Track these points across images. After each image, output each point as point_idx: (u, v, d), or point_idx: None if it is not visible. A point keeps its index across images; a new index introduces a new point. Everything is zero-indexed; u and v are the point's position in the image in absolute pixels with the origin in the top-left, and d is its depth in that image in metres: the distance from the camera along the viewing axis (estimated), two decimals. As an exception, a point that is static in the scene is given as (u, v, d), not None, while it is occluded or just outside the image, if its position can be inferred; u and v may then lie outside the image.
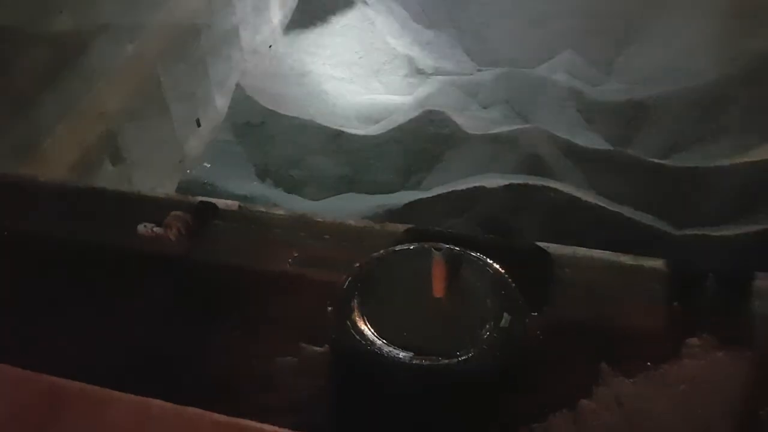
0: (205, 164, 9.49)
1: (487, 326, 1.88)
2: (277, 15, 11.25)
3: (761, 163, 8.20)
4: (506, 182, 8.16)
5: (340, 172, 9.32)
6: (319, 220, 2.56)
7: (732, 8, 10.90)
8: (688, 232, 7.08)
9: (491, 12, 12.35)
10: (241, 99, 10.15)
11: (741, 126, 9.18)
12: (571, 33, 11.75)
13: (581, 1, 12.32)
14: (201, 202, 2.64)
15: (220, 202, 2.64)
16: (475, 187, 8.52)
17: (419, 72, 10.63)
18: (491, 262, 2.08)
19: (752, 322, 2.04)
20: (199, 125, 9.76)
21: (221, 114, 10.16)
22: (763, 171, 8.21)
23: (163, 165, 8.85)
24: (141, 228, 2.49)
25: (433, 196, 8.27)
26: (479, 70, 10.94)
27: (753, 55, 9.53)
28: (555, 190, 8.32)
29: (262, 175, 8.84)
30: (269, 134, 9.76)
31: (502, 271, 2.07)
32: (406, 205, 7.49)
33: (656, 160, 8.95)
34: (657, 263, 2.22)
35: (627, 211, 7.94)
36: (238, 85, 10.17)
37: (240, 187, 8.06)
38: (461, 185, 8.62)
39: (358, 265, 2.14)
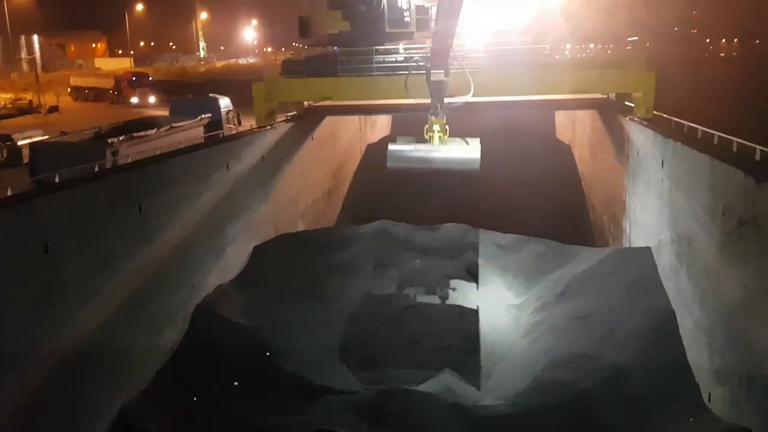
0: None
1: None
2: (169, 341, 11.53)
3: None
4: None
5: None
6: None
7: (584, 322, 12.49)
8: None
9: (373, 330, 13.28)
10: (122, 428, 9.81)
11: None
12: (446, 352, 12.75)
13: (452, 322, 13.60)
14: None
15: None
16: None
17: (308, 392, 10.88)
18: None
19: None
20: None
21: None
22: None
23: None
24: None
25: None
26: (365, 389, 11.37)
27: (611, 367, 10.80)
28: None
29: None
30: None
31: None
32: None
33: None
34: None
35: None
36: (121, 411, 9.90)
37: None
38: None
39: None
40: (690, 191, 11.41)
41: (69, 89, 43.86)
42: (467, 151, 12.99)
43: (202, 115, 18.98)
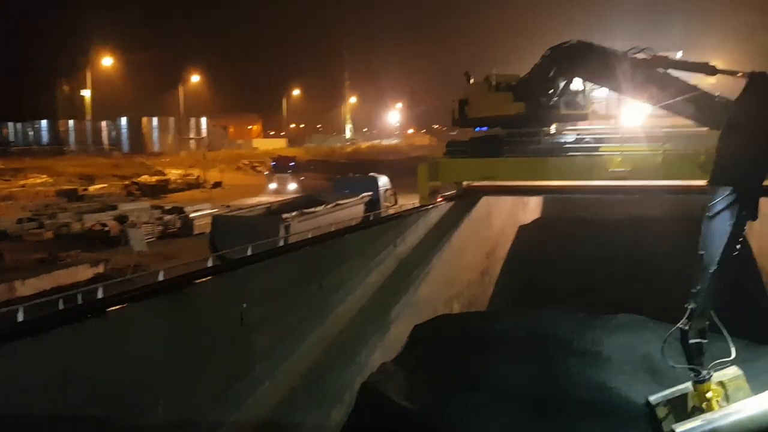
0: None
1: None
2: (336, 419, 11.34)
3: None
4: None
5: None
6: None
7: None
8: None
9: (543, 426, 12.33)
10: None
11: None
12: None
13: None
14: None
15: None
16: None
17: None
18: None
19: None
20: None
21: None
22: None
23: None
24: None
25: None
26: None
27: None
28: None
29: None
30: None
31: None
32: None
33: None
34: None
35: None
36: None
37: None
38: None
39: None
40: None
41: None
42: (761, 401, 11.07)
43: (363, 194, 19.45)
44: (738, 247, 11.19)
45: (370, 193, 19.82)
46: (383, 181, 21.77)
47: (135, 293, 7.65)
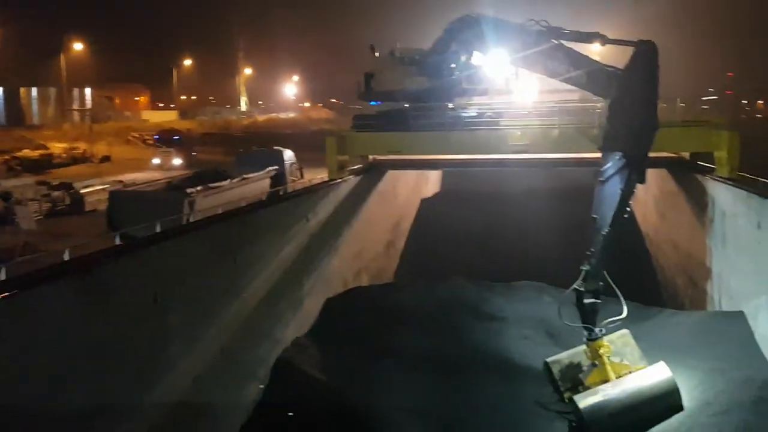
0: None
1: None
2: (252, 395, 11.25)
3: None
4: None
5: None
6: None
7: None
8: None
9: (452, 394, 12.76)
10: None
11: None
12: (530, 417, 12.19)
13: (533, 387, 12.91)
14: None
15: None
16: None
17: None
18: None
19: None
20: None
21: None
22: None
23: None
24: None
25: None
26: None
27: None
28: None
29: None
30: None
31: None
32: None
33: None
34: None
35: None
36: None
37: None
38: None
39: None
40: (793, 254, 10.98)
41: None
42: (653, 373, 11.60)
43: (269, 167, 19.10)
44: (629, 209, 12.08)
45: (276, 168, 19.46)
46: (288, 155, 21.39)
47: (40, 274, 7.23)
